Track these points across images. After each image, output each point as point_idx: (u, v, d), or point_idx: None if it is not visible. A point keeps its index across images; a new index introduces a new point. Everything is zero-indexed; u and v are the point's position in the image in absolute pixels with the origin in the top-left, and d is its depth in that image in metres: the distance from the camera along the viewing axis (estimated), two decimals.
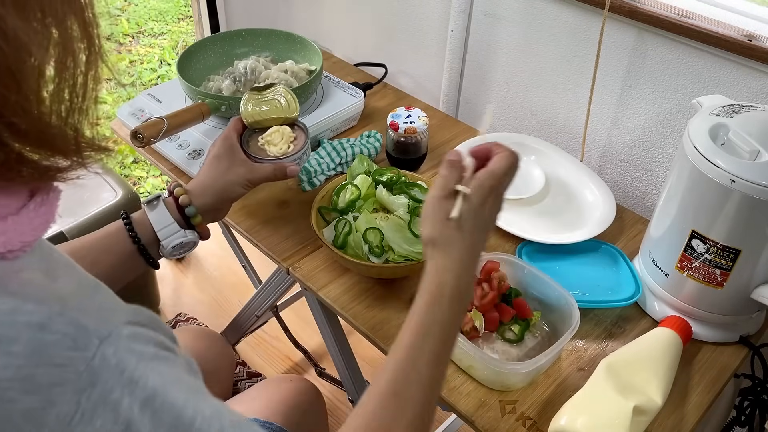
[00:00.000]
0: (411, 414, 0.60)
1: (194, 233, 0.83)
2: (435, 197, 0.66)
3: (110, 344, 0.40)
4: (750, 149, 0.76)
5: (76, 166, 0.43)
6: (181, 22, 3.42)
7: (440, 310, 0.63)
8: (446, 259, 0.65)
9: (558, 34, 1.14)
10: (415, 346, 0.62)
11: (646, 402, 0.75)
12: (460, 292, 0.64)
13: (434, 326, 0.63)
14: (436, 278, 0.65)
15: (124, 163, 2.46)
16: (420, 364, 0.61)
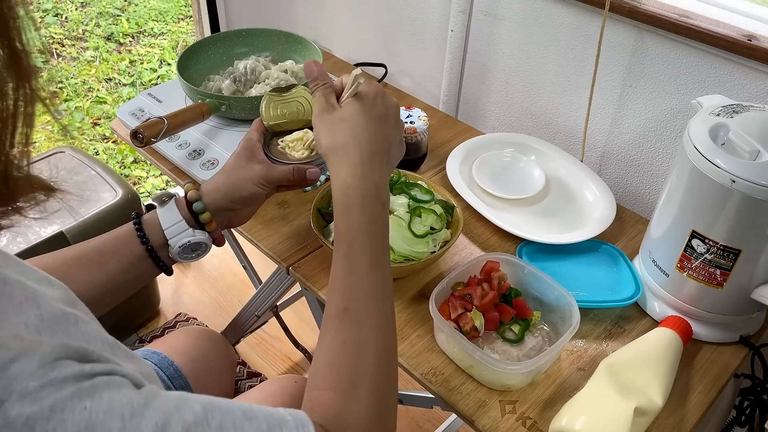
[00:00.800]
0: (369, 323, 0.60)
1: (204, 234, 0.79)
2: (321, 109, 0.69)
3: (13, 405, 0.36)
4: (750, 149, 0.76)
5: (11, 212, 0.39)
6: (181, 22, 3.42)
7: (355, 216, 0.63)
8: (345, 163, 0.65)
9: (558, 34, 1.14)
10: (347, 259, 0.62)
11: (647, 403, 0.75)
12: (368, 193, 0.64)
13: (356, 234, 0.63)
14: (340, 185, 0.65)
15: (124, 163, 2.46)
16: (357, 273, 0.61)
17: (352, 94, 0.70)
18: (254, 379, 1.64)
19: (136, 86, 2.90)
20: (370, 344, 0.59)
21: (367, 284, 0.61)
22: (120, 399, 0.40)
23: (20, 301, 0.41)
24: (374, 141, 0.67)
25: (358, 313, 0.60)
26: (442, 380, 0.82)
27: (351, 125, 0.67)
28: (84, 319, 0.44)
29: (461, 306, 0.85)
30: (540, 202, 1.10)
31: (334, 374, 0.57)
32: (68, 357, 0.39)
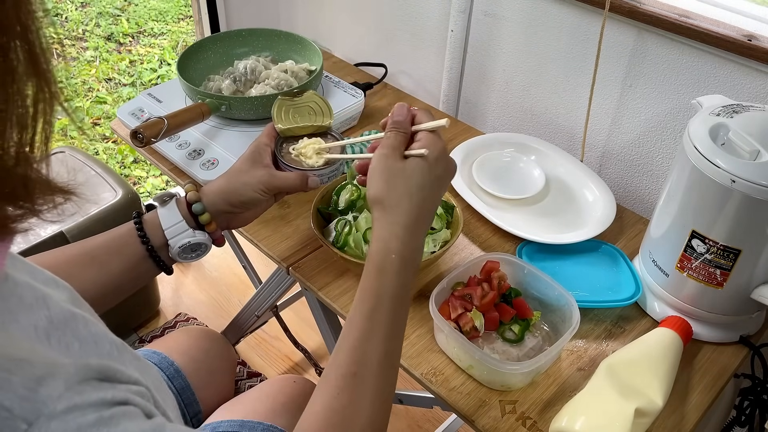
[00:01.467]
0: (372, 391, 0.59)
1: (204, 235, 0.78)
2: (387, 156, 0.66)
3: (40, 427, 0.36)
4: (750, 149, 0.76)
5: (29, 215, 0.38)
6: (181, 22, 3.42)
7: (389, 280, 0.62)
8: (393, 224, 0.64)
9: (558, 34, 1.14)
10: (369, 320, 0.61)
11: (648, 404, 0.75)
12: (406, 260, 0.63)
13: (384, 298, 0.62)
14: (383, 246, 0.63)
15: (124, 163, 2.46)
16: (375, 339, 0.60)
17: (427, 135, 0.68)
18: (254, 379, 1.64)
19: (136, 86, 2.90)
20: (368, 411, 0.58)
21: (381, 352, 0.60)
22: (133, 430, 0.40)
23: (30, 302, 0.41)
24: (424, 205, 0.66)
25: (366, 379, 0.59)
26: (442, 380, 0.82)
27: (409, 183, 0.65)
28: (91, 320, 0.44)
29: (461, 306, 0.85)
30: (540, 202, 1.10)
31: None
32: (90, 377, 0.40)
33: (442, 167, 0.68)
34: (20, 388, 0.36)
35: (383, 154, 0.67)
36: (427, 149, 0.66)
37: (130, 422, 0.41)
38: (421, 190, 0.65)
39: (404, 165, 0.66)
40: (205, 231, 0.79)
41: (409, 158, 0.67)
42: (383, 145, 0.67)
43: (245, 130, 1.09)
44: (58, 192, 0.39)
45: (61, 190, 0.39)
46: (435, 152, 0.67)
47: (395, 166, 0.66)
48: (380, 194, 0.65)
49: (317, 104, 0.92)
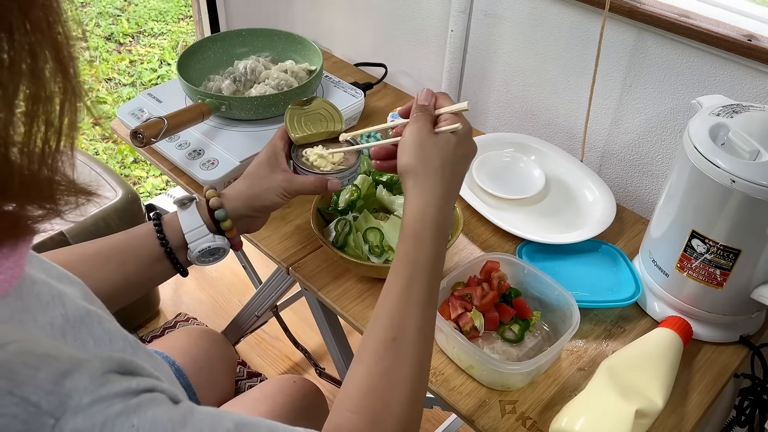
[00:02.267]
0: (412, 357, 0.60)
1: (224, 239, 0.79)
2: (421, 128, 0.69)
3: (67, 421, 0.36)
4: (750, 149, 0.76)
5: (52, 215, 0.39)
6: (181, 22, 3.42)
7: (426, 247, 0.64)
8: (428, 192, 0.66)
9: (558, 34, 1.14)
10: (407, 288, 0.62)
11: (648, 404, 0.75)
12: (441, 228, 0.65)
13: (421, 266, 0.63)
14: (419, 213, 0.65)
15: (124, 163, 2.46)
16: (413, 306, 0.62)
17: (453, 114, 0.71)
18: (254, 379, 1.64)
19: (136, 86, 2.90)
20: (408, 378, 0.59)
21: (419, 318, 0.62)
22: (162, 417, 0.41)
23: (47, 300, 0.41)
24: (455, 177, 0.69)
25: (405, 345, 0.60)
26: (442, 380, 0.82)
27: (443, 154, 0.68)
28: (105, 317, 0.44)
29: (461, 306, 0.85)
30: (540, 202, 1.10)
31: (368, 401, 0.58)
32: (113, 370, 0.40)
33: (468, 145, 0.71)
34: (46, 382, 0.36)
35: (417, 127, 0.69)
36: (460, 124, 0.69)
37: (158, 407, 0.41)
38: (453, 163, 0.68)
39: (438, 137, 0.69)
40: (224, 236, 0.79)
41: (441, 133, 0.70)
42: (415, 122, 0.70)
43: (245, 130, 1.09)
44: (81, 192, 0.40)
45: (83, 190, 0.40)
46: (464, 130, 0.70)
47: (430, 137, 0.68)
48: (415, 163, 0.67)
49: (327, 111, 0.92)
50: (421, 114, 0.71)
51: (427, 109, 0.72)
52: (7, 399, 0.35)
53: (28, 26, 0.34)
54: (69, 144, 0.38)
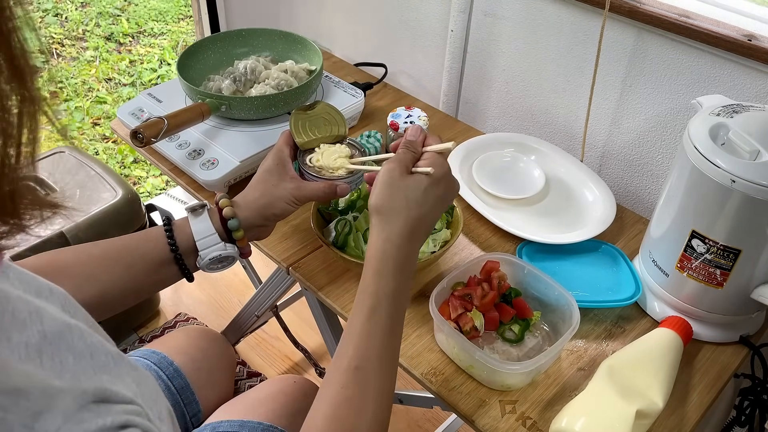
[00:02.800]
0: (375, 384, 0.62)
1: (234, 248, 0.79)
2: (393, 170, 0.70)
3: None
4: (750, 149, 0.76)
5: (16, 230, 0.37)
6: (181, 22, 3.42)
7: (385, 281, 0.66)
8: (388, 230, 0.67)
9: (558, 34, 1.14)
10: (369, 320, 0.64)
11: (648, 405, 0.75)
12: (401, 265, 0.67)
13: (382, 297, 0.65)
14: (379, 249, 0.67)
15: (124, 163, 2.47)
16: (376, 336, 0.64)
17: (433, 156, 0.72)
18: (254, 379, 1.64)
19: (136, 86, 2.90)
20: (371, 405, 0.61)
21: (381, 348, 0.64)
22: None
23: (23, 318, 0.40)
24: (422, 219, 0.69)
25: (368, 373, 0.62)
26: (442, 380, 0.82)
27: (409, 197, 0.68)
28: (86, 331, 0.43)
29: (461, 306, 0.85)
30: (540, 202, 1.10)
31: (332, 428, 0.59)
32: (88, 402, 0.39)
33: (444, 187, 0.72)
34: (16, 426, 0.35)
35: (391, 167, 0.70)
36: (432, 168, 0.70)
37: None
38: (421, 205, 0.69)
39: (408, 180, 0.70)
40: (235, 244, 0.80)
41: (414, 174, 0.70)
42: (392, 160, 0.71)
43: (245, 130, 1.09)
44: (47, 206, 0.38)
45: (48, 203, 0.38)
46: (439, 172, 0.70)
47: (399, 179, 0.69)
48: (381, 203, 0.68)
49: (330, 114, 0.93)
50: (401, 152, 0.72)
51: (413, 146, 0.73)
52: None
53: None
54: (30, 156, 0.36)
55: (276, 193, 0.81)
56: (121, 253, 0.75)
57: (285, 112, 1.13)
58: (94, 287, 0.71)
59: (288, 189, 0.82)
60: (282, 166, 0.84)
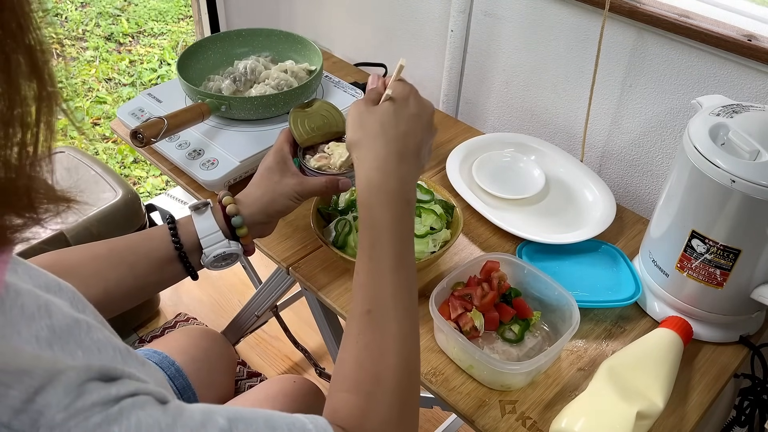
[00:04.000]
0: (391, 327, 0.60)
1: (238, 245, 0.79)
2: (359, 105, 0.70)
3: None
4: (750, 149, 0.76)
5: (31, 224, 0.37)
6: (181, 22, 3.42)
7: (378, 213, 0.63)
8: (370, 158, 0.66)
9: (558, 34, 1.14)
10: (371, 258, 0.62)
11: (649, 406, 0.75)
12: (392, 192, 0.65)
13: (380, 232, 0.63)
14: (364, 179, 0.66)
15: (124, 163, 2.47)
16: (381, 274, 0.61)
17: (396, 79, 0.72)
18: (254, 379, 1.64)
19: (136, 86, 2.90)
20: (392, 346, 0.59)
21: (389, 286, 0.61)
22: (147, 420, 0.40)
23: (32, 312, 0.40)
24: (402, 139, 0.68)
25: (381, 315, 0.60)
26: (442, 380, 0.82)
27: (381, 120, 0.68)
28: (95, 326, 0.43)
29: (461, 306, 0.85)
30: (540, 202, 1.10)
31: (356, 376, 0.58)
32: (92, 378, 0.39)
33: (415, 105, 0.72)
34: (17, 401, 0.35)
35: (354, 105, 0.71)
36: (392, 90, 0.71)
37: (143, 411, 0.40)
38: (395, 127, 0.68)
39: (375, 109, 0.70)
40: (239, 241, 0.80)
41: (380, 104, 0.71)
42: (354, 102, 0.73)
43: (245, 130, 1.09)
44: (61, 200, 0.39)
45: (63, 197, 0.39)
46: (402, 92, 0.71)
47: (366, 110, 0.70)
48: (355, 136, 0.69)
49: (329, 111, 0.94)
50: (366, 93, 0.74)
51: (373, 90, 0.74)
52: None
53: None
54: (46, 150, 0.37)
55: (278, 189, 0.82)
56: (125, 252, 0.75)
57: (285, 112, 1.13)
58: (100, 286, 0.71)
59: (290, 185, 0.82)
60: (283, 163, 0.84)
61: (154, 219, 1.67)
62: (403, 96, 0.71)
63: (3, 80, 0.34)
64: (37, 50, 0.35)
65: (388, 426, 0.56)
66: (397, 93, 0.71)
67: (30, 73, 0.35)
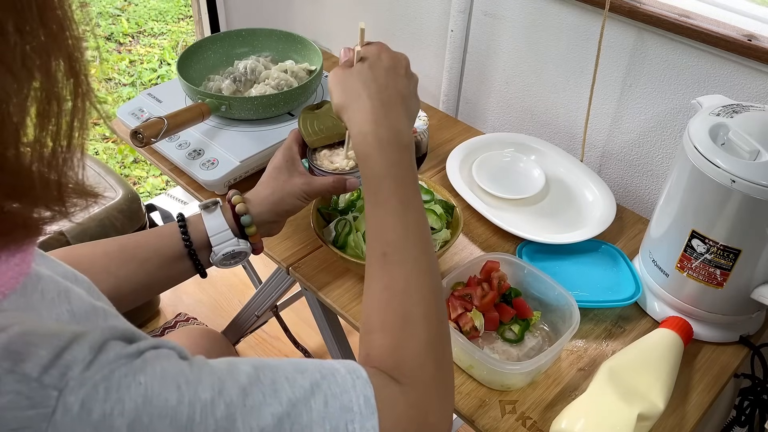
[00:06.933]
0: (409, 265, 0.60)
1: (247, 243, 0.80)
2: (336, 71, 0.72)
3: (71, 391, 0.36)
4: (750, 149, 0.76)
5: (59, 216, 0.39)
6: (181, 22, 3.42)
7: (375, 161, 0.65)
8: (359, 115, 0.68)
9: (558, 34, 1.14)
10: (377, 204, 0.63)
11: (649, 407, 0.74)
12: (384, 139, 0.66)
13: (381, 179, 0.64)
14: (357, 134, 0.67)
15: (124, 163, 2.47)
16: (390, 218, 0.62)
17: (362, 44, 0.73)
18: None
19: (136, 86, 2.90)
20: (413, 282, 0.59)
21: (400, 227, 0.62)
22: (172, 369, 0.40)
23: (52, 297, 0.41)
24: (385, 90, 0.69)
25: (397, 255, 0.61)
26: None
27: (360, 78, 0.70)
28: (112, 313, 0.45)
29: (461, 306, 0.85)
30: (540, 202, 1.10)
31: (383, 316, 0.58)
32: (115, 338, 0.40)
33: (387, 59, 0.72)
34: (46, 358, 0.37)
35: (332, 73, 0.72)
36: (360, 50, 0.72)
37: (167, 362, 0.41)
38: (375, 80, 0.70)
39: (351, 70, 0.72)
40: (248, 240, 0.81)
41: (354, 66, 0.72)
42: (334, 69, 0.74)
43: (245, 130, 1.10)
44: (90, 195, 0.40)
45: (90, 192, 0.40)
46: (372, 50, 0.72)
47: (344, 73, 0.71)
48: (340, 100, 0.70)
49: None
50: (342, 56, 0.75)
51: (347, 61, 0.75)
52: (10, 377, 0.35)
53: (41, 33, 0.35)
54: (79, 146, 0.39)
55: (287, 189, 0.83)
56: (136, 249, 0.76)
57: (285, 112, 1.13)
58: (110, 282, 0.72)
59: (298, 185, 0.83)
60: (291, 163, 0.85)
61: (154, 219, 1.67)
62: (375, 53, 0.72)
63: (42, 78, 0.35)
64: (76, 52, 0.37)
65: (422, 355, 0.56)
66: (368, 52, 0.72)
67: (68, 71, 0.37)
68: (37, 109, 0.36)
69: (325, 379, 0.47)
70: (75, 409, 0.36)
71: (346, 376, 0.48)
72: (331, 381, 0.47)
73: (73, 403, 0.36)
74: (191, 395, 0.40)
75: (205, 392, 0.41)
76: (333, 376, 0.47)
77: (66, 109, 0.37)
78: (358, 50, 0.72)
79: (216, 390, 0.41)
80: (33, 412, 0.35)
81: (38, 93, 0.35)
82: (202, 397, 0.40)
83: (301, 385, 0.45)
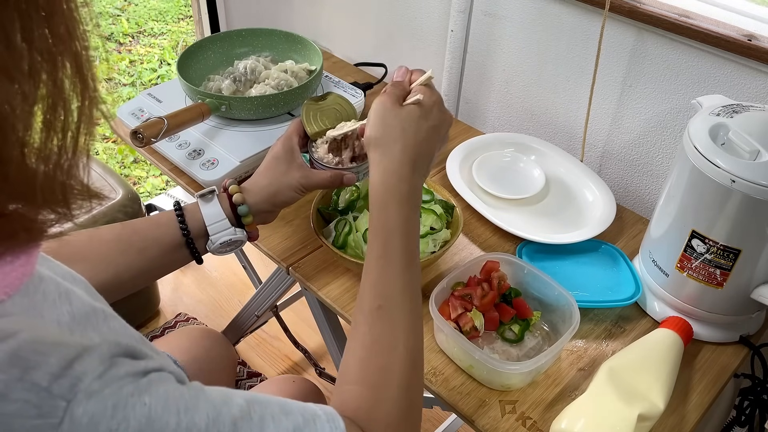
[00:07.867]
0: (401, 322, 0.62)
1: (243, 232, 0.81)
2: (385, 101, 0.71)
3: (79, 403, 0.37)
4: (750, 149, 0.76)
5: (65, 219, 0.39)
6: (181, 22, 3.42)
7: (393, 214, 0.66)
8: (387, 161, 0.68)
9: (558, 34, 1.14)
10: (383, 256, 0.64)
11: (650, 408, 0.74)
12: (405, 195, 0.67)
13: (392, 230, 0.65)
14: (379, 182, 0.67)
15: (124, 163, 2.47)
16: (392, 271, 0.64)
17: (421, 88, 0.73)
18: (254, 379, 1.64)
19: (136, 86, 2.90)
20: (400, 341, 0.61)
21: (400, 283, 0.64)
22: (173, 393, 0.42)
23: (54, 298, 0.42)
24: (420, 147, 0.70)
25: (391, 310, 0.62)
26: (442, 380, 0.82)
27: (403, 125, 0.69)
28: (110, 314, 0.45)
29: (461, 306, 0.85)
30: (540, 202, 1.10)
31: (365, 370, 0.59)
32: (121, 354, 0.41)
33: (437, 117, 0.72)
34: (56, 367, 0.37)
35: (382, 100, 0.71)
36: (422, 95, 0.71)
37: (169, 384, 0.42)
38: (416, 133, 0.69)
39: (400, 110, 0.71)
40: (244, 228, 0.82)
41: (406, 105, 0.72)
42: (382, 94, 0.72)
43: (245, 130, 1.10)
44: (93, 197, 0.40)
45: (95, 195, 0.40)
46: (429, 101, 0.72)
47: (393, 109, 0.70)
48: (376, 135, 0.69)
49: (341, 106, 0.94)
50: (390, 87, 0.73)
51: (400, 85, 0.74)
52: (19, 385, 0.35)
53: (49, 37, 0.35)
54: (85, 149, 0.39)
55: (284, 180, 0.83)
56: (133, 237, 0.76)
57: (285, 112, 1.13)
58: (109, 270, 0.73)
59: (296, 177, 0.83)
60: (290, 154, 0.85)
61: None
62: (429, 104, 0.72)
63: (49, 81, 0.35)
64: (82, 55, 0.37)
65: (395, 416, 0.58)
66: (425, 100, 0.71)
67: (75, 75, 0.37)
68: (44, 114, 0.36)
69: (307, 425, 0.48)
70: (83, 421, 0.37)
71: (325, 425, 0.49)
72: (312, 428, 0.48)
73: (81, 416, 0.37)
74: (188, 421, 0.41)
75: (201, 419, 0.42)
76: (314, 423, 0.49)
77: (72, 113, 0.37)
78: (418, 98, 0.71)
79: (211, 418, 0.43)
80: (40, 422, 0.35)
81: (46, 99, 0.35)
82: (198, 424, 0.42)
83: (285, 427, 0.47)
